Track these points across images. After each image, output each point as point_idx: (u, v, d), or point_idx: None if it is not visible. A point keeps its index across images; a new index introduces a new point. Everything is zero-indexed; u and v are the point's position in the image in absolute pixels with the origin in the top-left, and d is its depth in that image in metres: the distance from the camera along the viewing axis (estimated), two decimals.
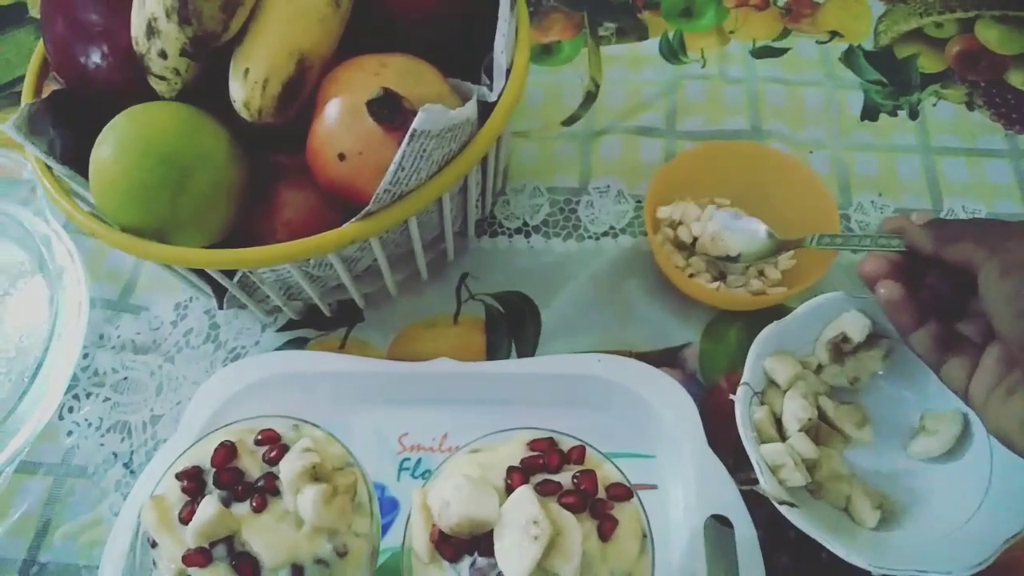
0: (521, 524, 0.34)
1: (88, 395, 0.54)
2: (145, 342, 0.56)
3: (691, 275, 0.54)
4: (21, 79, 0.70)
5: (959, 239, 0.37)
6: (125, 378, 0.54)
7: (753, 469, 0.44)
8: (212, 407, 0.49)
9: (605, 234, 0.59)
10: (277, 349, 0.55)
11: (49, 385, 0.51)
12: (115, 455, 0.51)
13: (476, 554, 0.35)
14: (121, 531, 0.46)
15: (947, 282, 0.40)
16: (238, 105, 0.46)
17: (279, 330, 0.56)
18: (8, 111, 0.69)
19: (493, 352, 0.54)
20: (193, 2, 0.42)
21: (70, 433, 0.52)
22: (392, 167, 0.42)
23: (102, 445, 0.52)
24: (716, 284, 0.53)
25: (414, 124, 0.41)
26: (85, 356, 0.55)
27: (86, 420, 0.53)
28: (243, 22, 0.45)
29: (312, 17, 0.45)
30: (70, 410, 0.53)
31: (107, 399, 0.53)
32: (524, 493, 0.35)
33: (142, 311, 0.57)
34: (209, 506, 0.36)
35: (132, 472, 0.51)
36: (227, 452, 0.39)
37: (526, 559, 0.33)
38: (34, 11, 0.76)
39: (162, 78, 0.46)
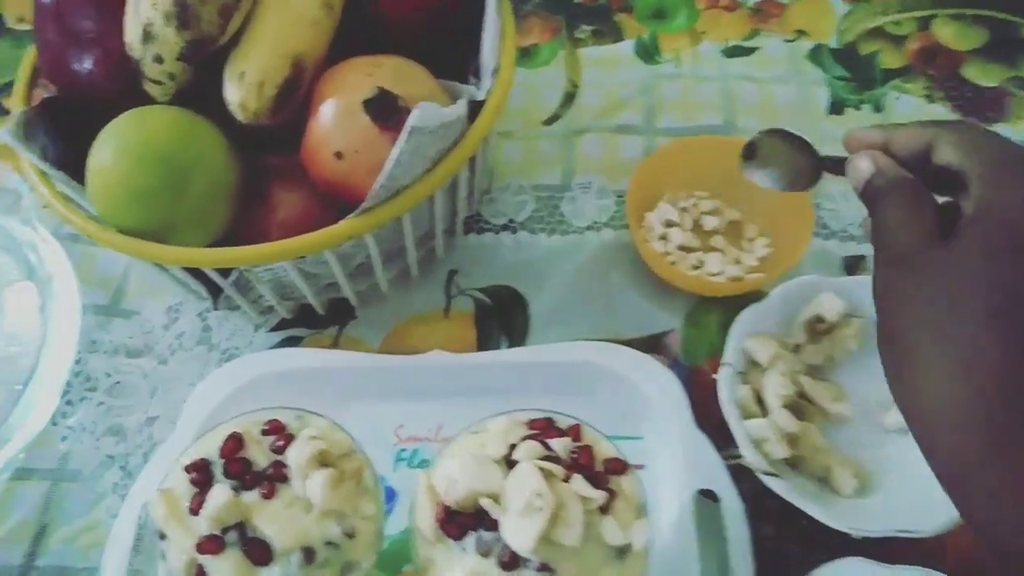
0: (525, 497, 0.35)
1: (82, 400, 0.54)
2: (137, 346, 0.56)
3: (672, 263, 0.56)
4: (1, 89, 0.71)
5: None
6: (118, 382, 0.55)
7: (736, 445, 0.46)
8: (209, 406, 0.50)
9: (588, 228, 0.61)
10: (270, 349, 0.56)
11: (42, 392, 0.51)
12: (111, 458, 0.52)
13: (480, 530, 0.37)
14: (121, 532, 0.46)
15: None
16: (234, 107, 0.47)
17: (271, 330, 0.57)
18: None
19: (484, 344, 0.56)
20: (192, 7, 0.43)
21: (64, 438, 0.53)
22: (389, 164, 0.43)
23: (97, 449, 0.52)
24: (697, 272, 0.55)
25: (411, 121, 0.42)
26: (77, 361, 0.55)
27: (80, 425, 0.53)
28: (239, 26, 0.46)
29: (306, 20, 0.46)
30: (64, 415, 0.53)
31: (101, 403, 0.54)
32: (526, 468, 0.37)
33: (133, 315, 0.57)
34: (221, 492, 0.37)
35: (129, 474, 0.51)
36: (235, 443, 0.40)
37: (532, 530, 0.35)
38: (11, 21, 0.76)
39: (157, 82, 0.47)
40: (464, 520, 0.37)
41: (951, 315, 0.28)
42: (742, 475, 0.46)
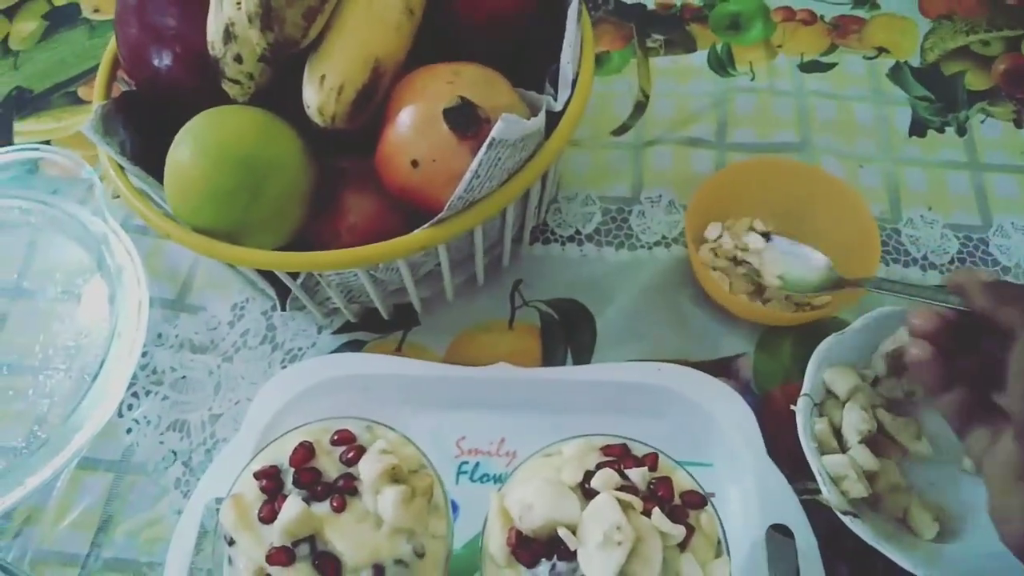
0: (604, 530, 0.35)
1: (147, 393, 0.54)
2: (203, 342, 0.56)
3: (731, 289, 0.54)
4: (76, 78, 0.72)
5: (1014, 302, 0.34)
6: (183, 377, 0.55)
7: (810, 478, 0.45)
8: (274, 408, 0.50)
9: (657, 244, 0.59)
10: (333, 351, 0.56)
11: (110, 383, 0.51)
12: (174, 453, 0.52)
13: (555, 558, 0.36)
14: (185, 529, 0.46)
15: (1000, 348, 0.35)
16: (312, 110, 0.46)
17: (335, 332, 0.56)
18: (64, 109, 0.70)
19: (549, 358, 0.55)
20: (277, 9, 0.43)
21: (129, 431, 0.53)
22: (468, 175, 0.42)
23: (161, 443, 0.52)
24: (759, 301, 0.54)
25: (493, 133, 0.41)
26: (144, 355, 0.55)
27: (145, 418, 0.53)
28: (320, 29, 0.45)
29: (388, 25, 0.46)
30: (129, 408, 0.54)
31: (166, 397, 0.54)
32: (606, 499, 0.36)
33: (200, 311, 0.58)
34: (294, 505, 0.36)
35: (191, 471, 0.51)
36: (306, 452, 0.39)
37: (611, 565, 0.34)
38: (87, 11, 0.77)
39: (236, 82, 0.47)
40: (538, 548, 0.36)
41: None
42: (816, 511, 0.45)
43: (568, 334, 0.56)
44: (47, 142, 0.67)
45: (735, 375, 0.54)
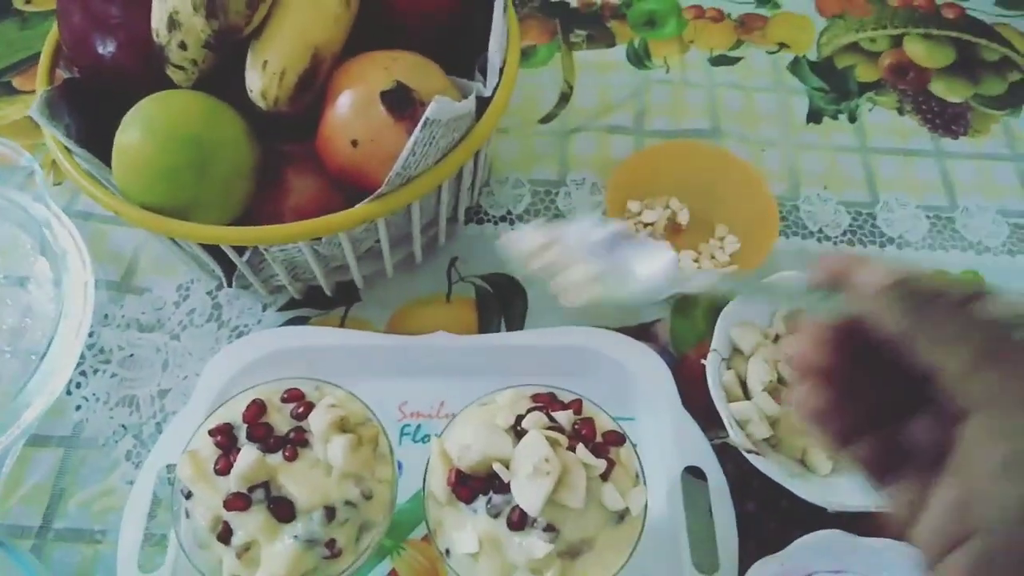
0: (534, 462, 0.39)
1: (95, 371, 0.56)
2: (150, 321, 0.58)
3: None
4: (10, 69, 0.72)
5: (947, 341, 0.24)
6: (131, 355, 0.56)
7: (721, 427, 0.50)
8: (222, 380, 0.52)
9: None
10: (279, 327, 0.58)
11: (58, 362, 0.53)
12: (124, 427, 0.54)
13: (491, 493, 0.40)
14: (138, 497, 0.48)
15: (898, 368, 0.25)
16: (255, 94, 0.49)
17: (280, 310, 0.59)
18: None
19: (484, 328, 0.58)
20: None
21: (79, 407, 0.54)
22: (404, 152, 0.46)
23: (111, 418, 0.54)
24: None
25: (427, 113, 0.45)
26: (91, 335, 0.57)
27: (94, 395, 0.55)
28: (263, 17, 0.48)
29: (327, 14, 0.49)
30: (78, 386, 0.55)
31: (114, 375, 0.56)
32: (535, 436, 0.40)
33: (145, 292, 0.59)
34: (250, 453, 0.39)
35: (142, 443, 0.53)
36: (258, 408, 0.42)
37: (540, 492, 0.38)
38: (19, 2, 0.77)
39: (180, 68, 0.49)
40: (475, 484, 0.40)
41: None
42: (727, 456, 0.50)
43: (502, 305, 0.60)
44: None
45: (654, 338, 0.58)
